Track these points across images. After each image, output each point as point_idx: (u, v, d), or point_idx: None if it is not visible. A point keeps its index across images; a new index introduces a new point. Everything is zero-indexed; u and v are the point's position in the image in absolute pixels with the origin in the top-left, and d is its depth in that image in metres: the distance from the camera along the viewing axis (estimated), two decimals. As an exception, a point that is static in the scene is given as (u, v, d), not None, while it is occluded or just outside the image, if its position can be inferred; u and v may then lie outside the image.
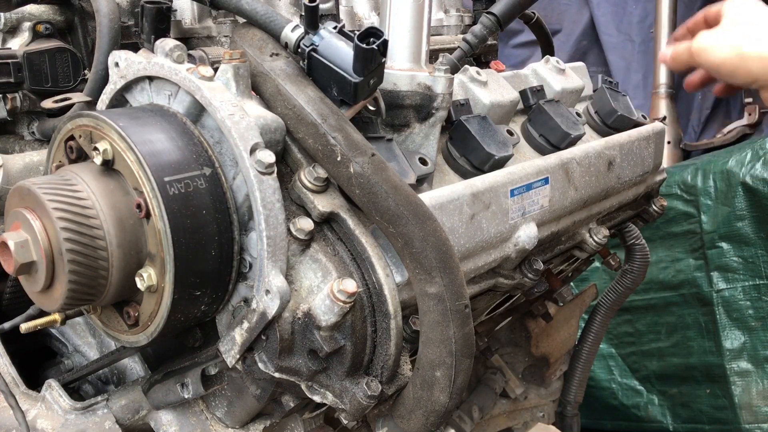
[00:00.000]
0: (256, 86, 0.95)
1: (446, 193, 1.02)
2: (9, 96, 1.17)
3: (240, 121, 0.84)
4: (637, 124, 1.48)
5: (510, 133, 1.26)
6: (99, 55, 1.11)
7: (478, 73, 1.25)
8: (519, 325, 1.86)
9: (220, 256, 0.85)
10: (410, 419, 0.94)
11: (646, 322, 2.85)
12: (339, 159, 0.89)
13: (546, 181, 1.18)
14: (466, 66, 1.27)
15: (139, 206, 0.81)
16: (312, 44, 0.95)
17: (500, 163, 1.15)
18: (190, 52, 1.16)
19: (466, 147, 1.13)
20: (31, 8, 1.20)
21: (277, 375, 0.89)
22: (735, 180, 2.53)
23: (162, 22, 1.13)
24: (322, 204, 0.91)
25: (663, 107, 3.45)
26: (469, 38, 1.33)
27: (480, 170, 1.13)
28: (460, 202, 1.03)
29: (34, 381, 1.08)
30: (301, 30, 0.96)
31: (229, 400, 1.06)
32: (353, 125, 0.93)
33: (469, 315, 0.89)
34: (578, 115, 1.39)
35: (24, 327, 0.95)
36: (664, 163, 1.60)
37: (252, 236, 0.86)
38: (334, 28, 0.95)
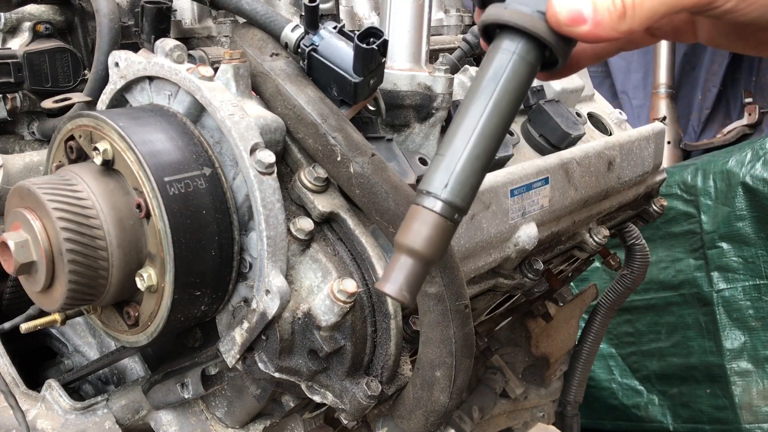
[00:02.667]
0: (256, 86, 0.95)
1: (446, 193, 1.02)
2: (9, 96, 1.17)
3: (240, 121, 0.84)
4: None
5: (510, 133, 1.26)
6: (99, 55, 1.11)
7: (478, 73, 1.25)
8: (519, 325, 1.86)
9: (220, 256, 0.85)
10: (410, 419, 0.94)
11: (646, 322, 2.85)
12: (339, 159, 0.89)
13: (546, 181, 1.18)
14: (466, 66, 1.27)
15: (139, 206, 0.81)
16: (312, 44, 0.95)
17: (500, 163, 1.15)
18: (190, 52, 1.15)
19: (466, 147, 1.13)
20: (31, 8, 1.20)
21: (277, 375, 0.89)
22: (735, 180, 2.53)
23: (162, 22, 1.13)
24: (322, 204, 0.91)
25: (663, 107, 3.45)
26: (469, 38, 1.33)
27: (480, 170, 1.13)
28: (460, 202, 1.03)
29: (34, 381, 1.08)
30: (301, 30, 0.96)
31: (229, 400, 1.06)
32: (353, 125, 0.93)
33: (469, 315, 0.89)
34: (578, 115, 1.39)
35: (24, 327, 0.95)
36: (664, 163, 1.60)
37: (252, 236, 0.86)
38: (334, 28, 0.95)
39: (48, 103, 1.07)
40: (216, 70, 0.90)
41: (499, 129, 0.60)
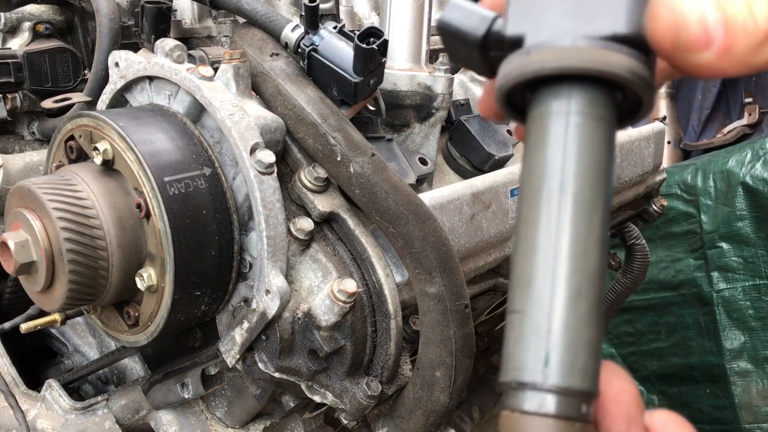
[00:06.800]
0: (256, 86, 0.95)
1: (446, 193, 1.02)
2: (9, 96, 1.17)
3: (240, 121, 0.84)
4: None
5: (510, 133, 1.26)
6: (99, 55, 1.11)
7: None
8: (519, 325, 1.86)
9: (220, 256, 0.84)
10: (410, 419, 0.94)
11: (646, 322, 2.85)
12: (339, 159, 0.89)
13: (546, 181, 1.18)
14: (466, 66, 1.27)
15: (139, 206, 0.81)
16: (312, 44, 0.95)
17: (500, 163, 1.15)
18: (190, 52, 1.15)
19: (466, 147, 1.13)
20: (31, 8, 1.20)
21: (277, 375, 0.89)
22: (735, 180, 2.53)
23: (162, 22, 1.13)
24: (322, 204, 0.91)
25: (663, 107, 3.45)
26: (469, 38, 1.33)
27: (480, 170, 1.13)
28: (460, 202, 1.03)
29: (34, 381, 1.08)
30: (301, 30, 0.96)
31: (229, 400, 1.06)
32: (353, 125, 0.93)
33: (469, 315, 0.89)
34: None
35: (24, 327, 0.95)
36: (664, 163, 1.60)
37: (252, 236, 0.86)
38: (334, 28, 0.95)
39: (48, 103, 1.07)
40: (216, 70, 0.90)
41: (599, 234, 0.37)
